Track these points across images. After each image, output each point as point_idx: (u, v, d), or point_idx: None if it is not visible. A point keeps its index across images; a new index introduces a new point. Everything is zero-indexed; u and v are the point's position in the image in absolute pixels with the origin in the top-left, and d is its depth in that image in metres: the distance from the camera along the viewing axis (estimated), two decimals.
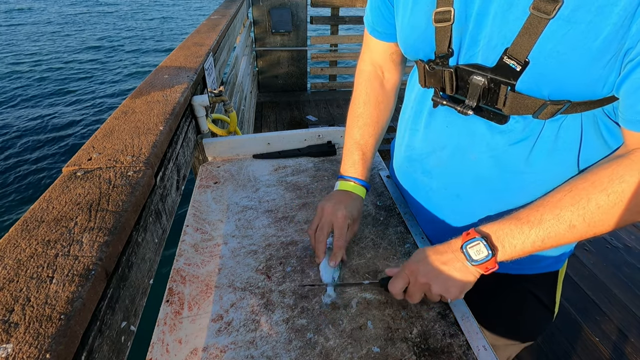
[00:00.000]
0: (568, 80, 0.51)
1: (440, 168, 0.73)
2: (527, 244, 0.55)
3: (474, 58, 0.59)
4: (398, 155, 0.88)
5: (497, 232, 0.57)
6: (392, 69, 0.83)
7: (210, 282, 0.70)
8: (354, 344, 0.59)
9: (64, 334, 0.38)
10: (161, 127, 0.79)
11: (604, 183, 0.51)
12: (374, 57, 0.82)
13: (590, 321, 1.80)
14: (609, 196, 0.50)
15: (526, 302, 0.82)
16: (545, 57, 0.51)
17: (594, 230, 0.52)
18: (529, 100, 0.56)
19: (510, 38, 0.53)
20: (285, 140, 1.13)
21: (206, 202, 0.92)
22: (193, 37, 1.64)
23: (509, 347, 0.89)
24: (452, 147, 0.69)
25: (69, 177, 0.63)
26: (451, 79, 0.62)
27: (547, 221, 0.53)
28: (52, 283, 0.43)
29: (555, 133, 0.59)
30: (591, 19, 0.46)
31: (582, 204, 0.52)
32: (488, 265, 0.56)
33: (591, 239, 2.27)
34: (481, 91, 0.59)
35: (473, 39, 0.57)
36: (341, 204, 0.74)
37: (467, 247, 0.57)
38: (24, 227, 0.51)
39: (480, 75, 0.58)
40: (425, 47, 0.64)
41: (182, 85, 1.01)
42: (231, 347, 0.59)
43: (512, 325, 0.86)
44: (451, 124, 0.68)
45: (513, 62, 0.53)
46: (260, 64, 4.93)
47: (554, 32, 0.49)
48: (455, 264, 0.59)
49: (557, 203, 0.54)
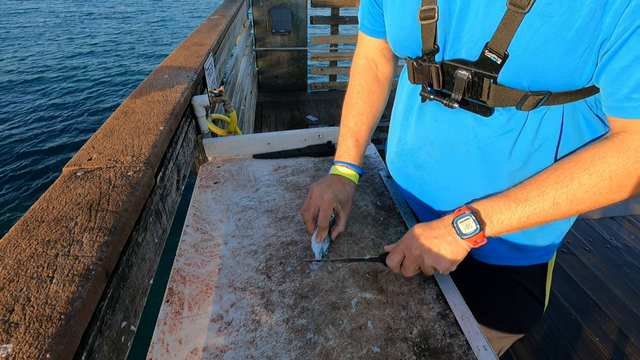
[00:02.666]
0: (545, 71, 0.54)
1: (431, 162, 0.75)
2: (514, 219, 0.58)
3: (458, 53, 0.62)
4: (390, 150, 0.91)
5: (486, 209, 0.60)
6: (384, 63, 0.87)
7: (210, 282, 0.70)
8: (354, 344, 0.59)
9: (64, 334, 0.38)
10: (161, 127, 0.79)
11: (587, 163, 0.54)
12: (367, 51, 0.87)
13: (590, 321, 1.80)
14: (591, 175, 0.53)
15: (517, 295, 0.83)
16: (522, 50, 0.53)
17: (577, 207, 0.55)
18: (511, 92, 0.59)
19: (490, 33, 0.55)
20: (285, 140, 1.13)
21: (206, 202, 0.92)
22: (193, 37, 1.64)
23: (502, 340, 0.91)
24: (442, 140, 0.71)
25: (69, 177, 0.63)
26: (437, 74, 0.65)
27: (533, 198, 0.57)
28: (52, 283, 0.43)
29: (537, 125, 0.62)
30: (564, 12, 0.49)
31: (566, 182, 0.55)
32: (477, 238, 0.60)
33: (591, 238, 2.28)
34: (466, 85, 0.62)
35: (456, 35, 0.60)
36: (329, 187, 0.79)
37: (458, 222, 0.61)
38: (24, 227, 0.51)
39: (464, 69, 0.61)
40: (413, 44, 0.67)
41: (182, 85, 1.01)
42: (231, 347, 0.59)
43: (503, 318, 0.88)
44: (440, 118, 0.71)
45: (494, 55, 0.56)
46: (260, 64, 4.92)
47: (529, 26, 0.52)
48: (446, 237, 0.63)
49: (543, 181, 0.57)
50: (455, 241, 0.62)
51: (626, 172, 0.51)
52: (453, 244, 0.62)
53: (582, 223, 2.45)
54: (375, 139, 3.25)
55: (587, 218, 2.49)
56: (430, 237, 0.64)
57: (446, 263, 0.63)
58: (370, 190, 0.98)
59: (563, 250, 2.23)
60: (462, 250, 0.62)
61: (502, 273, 0.81)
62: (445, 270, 0.64)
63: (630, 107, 0.49)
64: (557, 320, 1.80)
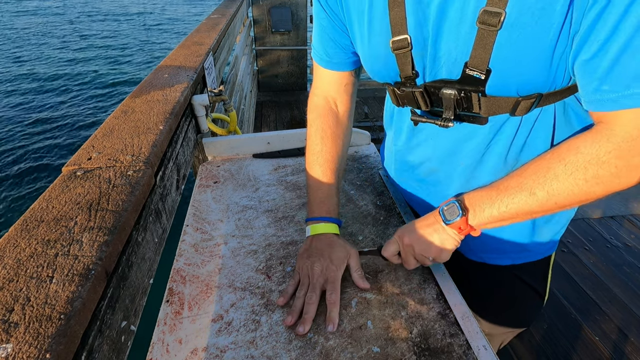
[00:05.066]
0: (530, 77, 0.54)
1: (431, 177, 0.76)
2: (494, 208, 0.58)
3: (439, 74, 0.61)
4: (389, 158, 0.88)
5: (470, 197, 0.62)
6: (345, 100, 0.82)
7: (210, 282, 0.70)
8: (354, 344, 0.59)
9: (64, 333, 0.38)
10: (161, 127, 0.79)
11: (562, 154, 0.54)
12: (326, 89, 0.81)
13: (590, 321, 1.80)
14: (565, 166, 0.53)
15: (519, 290, 0.83)
16: (503, 63, 0.53)
17: (554, 199, 0.54)
18: (502, 100, 0.58)
19: (467, 52, 0.55)
20: (285, 140, 1.13)
21: (206, 202, 0.92)
22: (193, 36, 1.64)
23: (504, 334, 0.92)
24: (439, 157, 0.72)
25: (68, 176, 0.63)
26: (423, 97, 0.64)
27: (512, 188, 0.57)
28: (52, 283, 0.43)
29: (531, 126, 0.62)
30: (536, 21, 0.49)
31: (542, 173, 0.55)
32: (460, 224, 0.61)
33: (591, 238, 2.28)
34: (454, 102, 0.61)
35: (433, 57, 0.59)
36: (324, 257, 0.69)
37: (444, 209, 0.63)
38: (24, 227, 0.51)
39: (449, 88, 0.60)
40: (390, 72, 0.66)
41: (182, 85, 1.01)
42: (231, 347, 0.59)
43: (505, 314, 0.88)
44: (434, 137, 0.70)
45: (476, 72, 0.56)
46: (260, 63, 4.92)
47: (505, 40, 0.51)
48: (434, 225, 0.64)
49: (522, 172, 0.58)
50: (442, 228, 0.63)
51: (599, 161, 0.50)
52: (440, 231, 0.64)
53: (582, 222, 2.45)
54: (375, 138, 3.24)
55: (587, 218, 2.49)
56: (421, 227, 0.66)
57: (435, 250, 0.64)
58: (370, 189, 0.98)
59: (563, 249, 2.23)
60: (449, 238, 0.63)
61: (509, 273, 0.81)
62: (434, 257, 0.65)
63: (602, 100, 0.49)
64: (557, 320, 1.80)
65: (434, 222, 0.65)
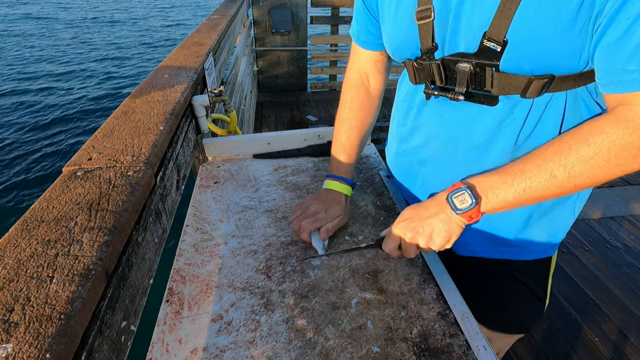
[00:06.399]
0: (546, 53, 0.54)
1: (435, 156, 0.76)
2: (509, 194, 0.57)
3: (457, 47, 0.62)
4: (391, 151, 0.92)
5: (481, 183, 0.60)
6: (377, 76, 0.88)
7: (210, 282, 0.70)
8: (354, 344, 0.59)
9: (64, 333, 0.38)
10: (161, 127, 0.79)
11: (585, 134, 0.54)
12: (361, 66, 0.88)
13: (590, 321, 1.80)
14: (589, 146, 0.52)
15: (519, 294, 0.83)
16: (521, 34, 0.54)
17: (574, 181, 0.54)
18: (514, 79, 0.59)
19: (487, 22, 0.56)
20: (285, 140, 1.13)
21: (206, 202, 0.92)
22: (193, 36, 1.64)
23: (502, 339, 0.91)
24: (447, 135, 0.72)
25: (69, 176, 0.63)
26: (439, 71, 0.65)
27: (529, 171, 0.56)
28: (52, 283, 0.43)
29: (541, 112, 0.62)
30: None
31: (564, 154, 0.54)
32: (472, 214, 0.60)
33: (591, 238, 2.28)
34: (468, 77, 0.62)
35: (454, 30, 0.61)
36: (324, 206, 0.81)
37: (452, 197, 0.61)
38: (24, 227, 0.51)
39: (465, 62, 0.61)
40: (411, 45, 0.67)
41: (182, 85, 1.01)
42: (231, 347, 0.59)
43: (504, 318, 0.87)
44: (444, 114, 0.71)
45: (493, 43, 0.56)
46: (260, 63, 4.92)
47: (526, 10, 0.52)
48: (439, 215, 0.63)
49: (540, 154, 0.57)
50: (449, 218, 0.62)
51: (624, 142, 0.50)
52: (446, 221, 0.62)
53: (582, 223, 2.45)
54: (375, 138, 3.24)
55: (587, 218, 2.49)
56: (423, 218, 0.65)
57: (440, 241, 0.63)
58: (370, 190, 0.98)
59: (563, 250, 2.23)
60: (456, 227, 0.63)
61: (504, 271, 0.81)
62: (438, 248, 0.64)
63: (626, 81, 0.48)
64: (557, 320, 1.80)
65: (438, 211, 0.63)
